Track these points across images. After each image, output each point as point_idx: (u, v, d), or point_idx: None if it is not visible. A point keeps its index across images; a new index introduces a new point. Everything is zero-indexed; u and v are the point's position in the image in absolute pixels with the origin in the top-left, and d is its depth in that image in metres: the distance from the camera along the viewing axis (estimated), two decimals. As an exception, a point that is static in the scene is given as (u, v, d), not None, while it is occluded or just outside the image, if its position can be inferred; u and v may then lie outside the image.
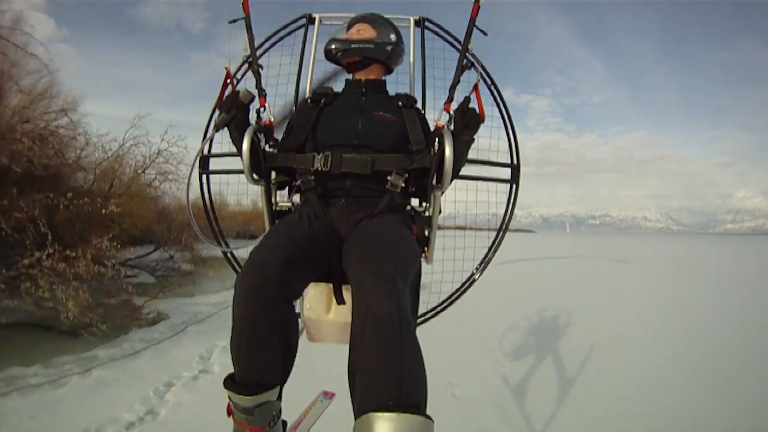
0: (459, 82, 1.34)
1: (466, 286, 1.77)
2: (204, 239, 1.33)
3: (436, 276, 1.73)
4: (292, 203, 1.47)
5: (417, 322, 1.14)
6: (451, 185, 1.32)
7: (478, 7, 1.34)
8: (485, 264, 1.77)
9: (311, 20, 1.82)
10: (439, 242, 1.53)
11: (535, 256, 16.73)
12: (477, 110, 1.28)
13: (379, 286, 0.94)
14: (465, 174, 1.64)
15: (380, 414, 0.80)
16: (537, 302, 6.59)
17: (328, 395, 1.80)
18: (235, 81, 1.43)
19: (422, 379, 0.90)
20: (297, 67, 1.78)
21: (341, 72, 1.63)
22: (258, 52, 1.54)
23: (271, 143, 1.38)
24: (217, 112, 1.30)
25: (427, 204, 1.42)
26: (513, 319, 5.50)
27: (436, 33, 1.79)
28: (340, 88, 1.56)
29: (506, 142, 1.78)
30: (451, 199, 1.69)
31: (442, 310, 1.77)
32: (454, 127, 1.31)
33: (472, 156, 1.52)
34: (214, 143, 1.83)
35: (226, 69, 1.33)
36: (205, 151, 1.81)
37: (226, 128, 1.32)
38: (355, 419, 0.84)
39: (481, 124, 1.30)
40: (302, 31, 1.83)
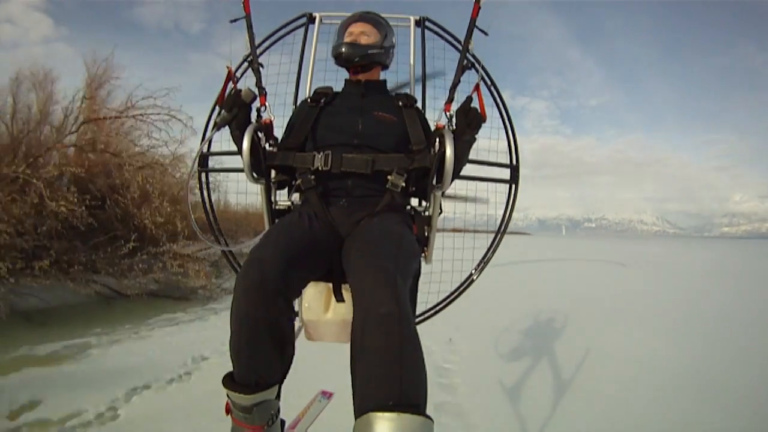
0: (459, 82, 1.34)
1: (465, 286, 1.77)
2: (203, 238, 1.33)
3: (433, 276, 1.72)
4: (292, 202, 1.47)
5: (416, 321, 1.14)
6: (451, 186, 1.32)
7: (479, 8, 1.34)
8: (484, 264, 1.78)
9: (311, 19, 1.82)
10: (438, 242, 1.53)
11: (531, 258, 16.75)
12: (479, 110, 1.29)
13: (379, 286, 0.94)
14: (464, 174, 1.64)
15: (380, 414, 0.80)
16: (533, 304, 6.59)
17: (327, 395, 1.80)
18: (236, 80, 1.42)
19: (422, 379, 0.89)
20: (297, 66, 1.78)
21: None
22: (258, 51, 1.54)
23: (272, 142, 1.38)
24: (218, 110, 1.30)
25: (427, 204, 1.42)
26: (509, 321, 5.49)
27: (436, 33, 1.79)
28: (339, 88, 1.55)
29: (505, 143, 1.78)
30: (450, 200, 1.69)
31: (440, 310, 1.77)
32: (455, 126, 1.31)
33: (471, 156, 1.51)
34: (213, 142, 1.82)
35: (228, 68, 1.33)
36: (205, 149, 1.80)
37: (226, 126, 1.32)
38: (355, 419, 0.84)
39: (482, 124, 1.30)
40: (302, 30, 1.83)
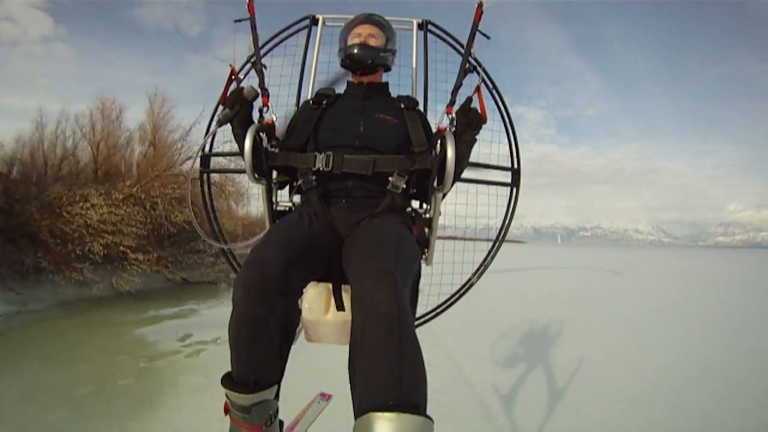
0: (461, 85, 1.34)
1: (464, 290, 1.77)
2: (204, 237, 1.32)
3: (433, 278, 1.71)
4: (293, 203, 1.47)
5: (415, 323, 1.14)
6: (452, 189, 1.33)
7: (481, 12, 1.36)
8: (483, 269, 1.77)
9: (314, 21, 1.83)
10: (438, 245, 1.52)
11: (526, 266, 16.75)
12: (479, 111, 1.29)
13: (379, 286, 0.94)
14: (465, 177, 1.64)
15: (380, 414, 0.79)
16: (529, 312, 6.60)
17: (325, 397, 1.78)
18: (239, 79, 1.42)
19: (422, 379, 0.89)
20: (300, 68, 1.79)
21: (343, 77, 1.63)
22: (261, 52, 1.54)
23: (273, 143, 1.37)
24: (221, 108, 1.30)
25: (428, 206, 1.42)
26: (505, 328, 5.49)
27: (438, 36, 1.80)
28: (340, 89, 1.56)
29: (505, 149, 1.78)
30: (451, 202, 1.69)
31: (440, 313, 1.77)
32: (456, 127, 1.31)
33: (473, 160, 1.51)
34: (214, 144, 1.82)
35: (231, 66, 1.33)
36: (207, 149, 1.80)
37: (229, 125, 1.32)
38: (355, 419, 0.83)
39: (482, 126, 1.31)
40: (304, 31, 1.84)
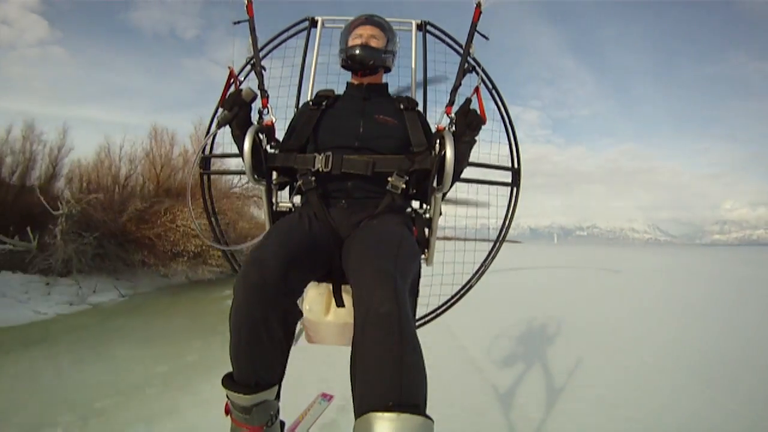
0: (460, 85, 1.35)
1: (464, 292, 1.76)
2: (203, 238, 1.33)
3: (432, 279, 1.71)
4: (293, 204, 1.47)
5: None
6: (452, 189, 1.33)
7: (480, 12, 1.36)
8: (483, 269, 1.77)
9: (313, 23, 1.83)
10: (438, 245, 1.52)
11: (523, 265, 16.75)
12: (478, 111, 1.29)
13: (379, 286, 0.94)
14: (465, 177, 1.63)
15: (380, 414, 0.80)
16: (527, 311, 6.59)
17: (327, 397, 1.78)
18: (239, 81, 1.42)
19: (422, 379, 0.89)
20: (299, 69, 1.79)
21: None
22: (260, 54, 1.54)
23: (273, 144, 1.38)
24: (220, 110, 1.30)
25: (428, 206, 1.42)
26: (502, 327, 5.49)
27: (437, 37, 1.80)
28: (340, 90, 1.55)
29: (504, 149, 1.77)
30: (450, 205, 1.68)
31: (440, 314, 1.76)
32: (455, 128, 1.31)
33: (473, 160, 1.51)
34: (214, 144, 1.82)
35: (230, 68, 1.33)
36: (207, 150, 1.80)
37: (228, 127, 1.32)
38: (355, 419, 0.84)
39: (482, 127, 1.31)
40: (303, 33, 1.84)
